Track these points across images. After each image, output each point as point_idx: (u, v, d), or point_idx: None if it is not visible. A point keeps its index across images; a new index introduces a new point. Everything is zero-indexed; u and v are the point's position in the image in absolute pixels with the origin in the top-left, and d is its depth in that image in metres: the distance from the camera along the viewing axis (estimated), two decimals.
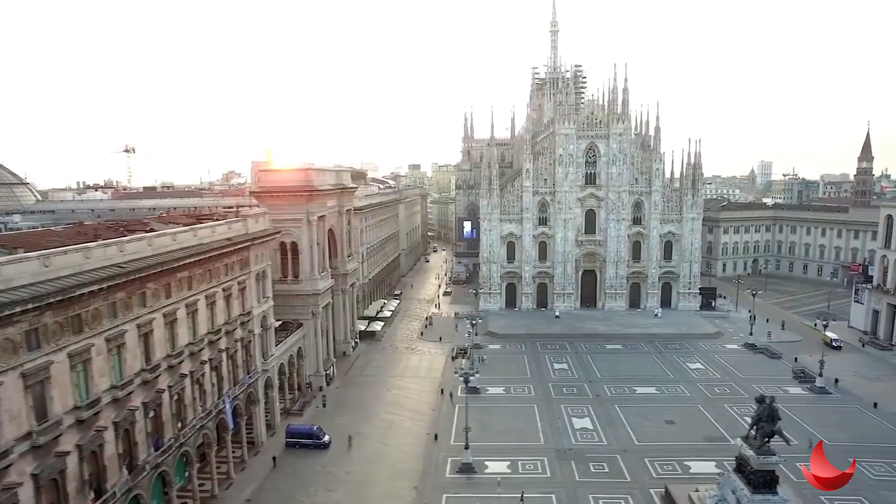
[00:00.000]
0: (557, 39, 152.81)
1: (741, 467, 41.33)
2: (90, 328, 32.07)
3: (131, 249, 36.59)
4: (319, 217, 69.80)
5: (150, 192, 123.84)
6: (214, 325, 47.22)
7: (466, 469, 50.31)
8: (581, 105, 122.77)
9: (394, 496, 47.23)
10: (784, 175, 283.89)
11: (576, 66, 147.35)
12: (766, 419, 40.20)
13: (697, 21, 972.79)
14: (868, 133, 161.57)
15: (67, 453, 30.03)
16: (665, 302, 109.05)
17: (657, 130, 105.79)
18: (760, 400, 41.12)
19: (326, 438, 55.95)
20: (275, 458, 52.88)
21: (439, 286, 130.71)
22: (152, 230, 42.79)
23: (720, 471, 45.06)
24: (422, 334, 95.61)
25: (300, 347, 68.15)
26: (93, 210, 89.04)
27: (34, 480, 27.85)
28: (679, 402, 66.75)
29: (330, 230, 76.62)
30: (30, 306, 27.16)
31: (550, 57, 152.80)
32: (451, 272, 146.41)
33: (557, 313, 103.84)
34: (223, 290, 48.81)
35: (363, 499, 46.89)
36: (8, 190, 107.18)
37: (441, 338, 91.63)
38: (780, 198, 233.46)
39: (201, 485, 47.46)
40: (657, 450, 54.55)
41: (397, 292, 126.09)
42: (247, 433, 55.72)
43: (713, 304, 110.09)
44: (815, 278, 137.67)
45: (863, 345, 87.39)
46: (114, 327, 34.13)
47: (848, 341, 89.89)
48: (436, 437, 57.12)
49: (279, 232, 61.76)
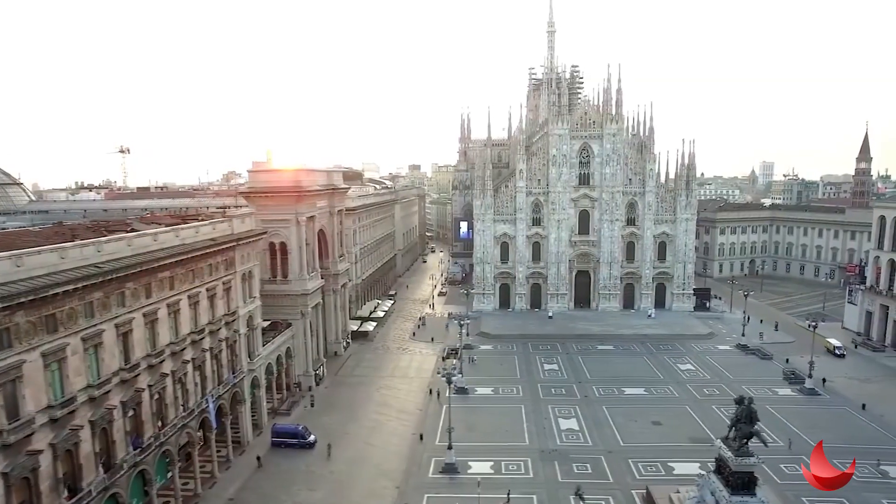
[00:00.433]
0: (554, 40, 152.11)
1: (721, 469, 41.26)
2: (65, 328, 32.30)
3: (110, 250, 36.82)
4: (309, 217, 69.99)
5: (144, 193, 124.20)
6: (198, 325, 47.46)
7: (449, 469, 50.41)
8: (578, 105, 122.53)
9: (376, 495, 47.39)
10: (784, 176, 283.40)
11: (573, 67, 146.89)
12: (745, 420, 40.12)
13: (700, 21, 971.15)
14: (866, 134, 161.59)
15: (40, 452, 30.25)
16: (659, 303, 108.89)
17: (651, 131, 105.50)
18: (739, 401, 41.04)
19: (312, 438, 56.14)
20: (259, 458, 53.08)
21: (434, 286, 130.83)
22: (133, 230, 43.06)
23: (703, 472, 45.04)
24: (414, 335, 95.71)
25: (289, 347, 68.35)
26: (85, 210, 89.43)
27: (4, 479, 28.10)
28: (667, 403, 66.66)
29: (321, 230, 76.79)
30: (0, 305, 27.40)
31: (547, 57, 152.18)
32: (447, 272, 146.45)
33: (550, 314, 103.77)
34: (207, 291, 49.02)
35: (345, 498, 47.05)
36: (1, 190, 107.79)
37: (433, 338, 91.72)
38: (780, 198, 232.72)
39: (185, 483, 47.71)
40: (642, 451, 54.56)
41: (392, 293, 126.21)
42: (233, 432, 56.07)
43: (707, 305, 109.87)
44: (812, 279, 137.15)
45: (855, 346, 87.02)
46: (90, 327, 34.37)
47: (841, 342, 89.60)
48: (421, 438, 57.24)
49: (265, 232, 61.98)
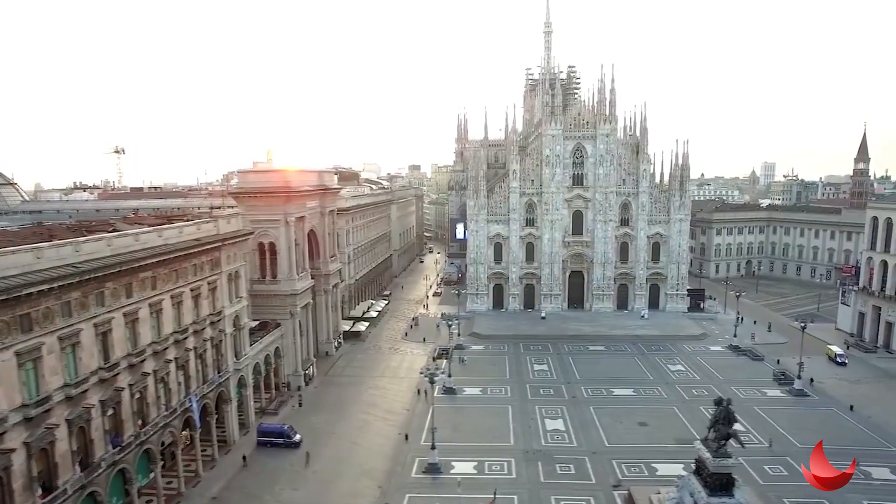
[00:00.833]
0: (551, 40, 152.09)
1: (700, 470, 41.28)
2: (41, 327, 32.49)
3: (88, 250, 37.04)
4: (298, 218, 70.20)
5: (136, 193, 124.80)
6: (181, 325, 47.64)
7: (432, 469, 50.55)
8: (573, 106, 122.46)
9: (357, 495, 47.55)
10: (785, 176, 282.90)
11: (569, 67, 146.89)
12: (723, 422, 40.17)
13: (702, 21, 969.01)
14: (864, 134, 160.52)
15: (13, 450, 30.43)
16: (653, 303, 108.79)
17: (644, 131, 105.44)
18: (718, 402, 41.08)
19: (297, 438, 56.33)
20: (245, 457, 53.31)
21: (430, 287, 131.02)
22: (115, 230, 43.30)
23: (684, 473, 45.01)
24: (406, 335, 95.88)
25: (278, 347, 68.55)
26: (77, 210, 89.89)
27: None
28: (655, 404, 66.62)
29: (311, 231, 76.98)
30: None
31: (544, 58, 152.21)
32: (443, 273, 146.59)
33: (544, 314, 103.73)
34: (191, 290, 49.21)
35: (326, 497, 47.23)
36: None
37: (425, 338, 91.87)
38: (779, 199, 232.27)
39: (169, 482, 47.99)
40: (626, 451, 54.56)
41: (386, 293, 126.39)
42: (219, 432, 56.29)
43: (702, 306, 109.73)
44: (808, 280, 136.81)
45: (847, 347, 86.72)
46: (67, 326, 34.54)
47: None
48: (406, 438, 57.39)
49: (252, 233, 62.19)
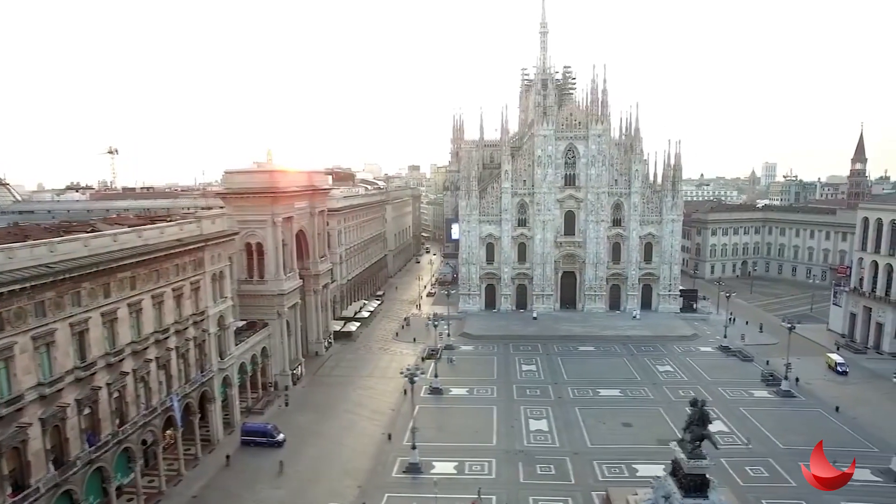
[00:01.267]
0: (547, 41, 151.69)
1: (675, 471, 41.33)
2: (13, 326, 32.80)
3: (64, 250, 37.32)
4: (286, 218, 70.40)
5: (128, 193, 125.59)
6: (162, 325, 47.92)
7: (413, 469, 50.71)
8: (567, 106, 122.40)
9: (337, 494, 47.65)
10: (785, 177, 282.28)
11: (565, 67, 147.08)
12: (698, 423, 40.14)
13: (709, 21, 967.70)
14: (861, 135, 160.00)
15: None
16: (645, 304, 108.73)
17: (636, 132, 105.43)
18: (693, 403, 41.10)
19: (281, 437, 56.54)
20: (228, 456, 53.52)
21: (424, 287, 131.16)
22: (94, 231, 43.57)
23: (662, 474, 45.04)
24: (397, 335, 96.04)
25: (265, 347, 68.78)
26: (68, 211, 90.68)
27: None
28: (641, 405, 66.67)
29: (300, 231, 77.20)
30: None
31: (539, 58, 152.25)
32: (438, 273, 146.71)
33: (535, 315, 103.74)
34: (173, 291, 49.46)
35: (306, 497, 47.42)
36: None
37: (415, 339, 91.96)
38: (778, 199, 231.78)
39: (151, 481, 48.26)
40: (608, 452, 54.65)
41: (380, 293, 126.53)
42: (204, 431, 56.58)
43: (694, 307, 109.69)
44: (804, 281, 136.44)
45: (838, 348, 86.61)
46: (41, 326, 34.83)
47: (824, 345, 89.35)
48: (389, 437, 57.59)
49: (237, 233, 62.42)
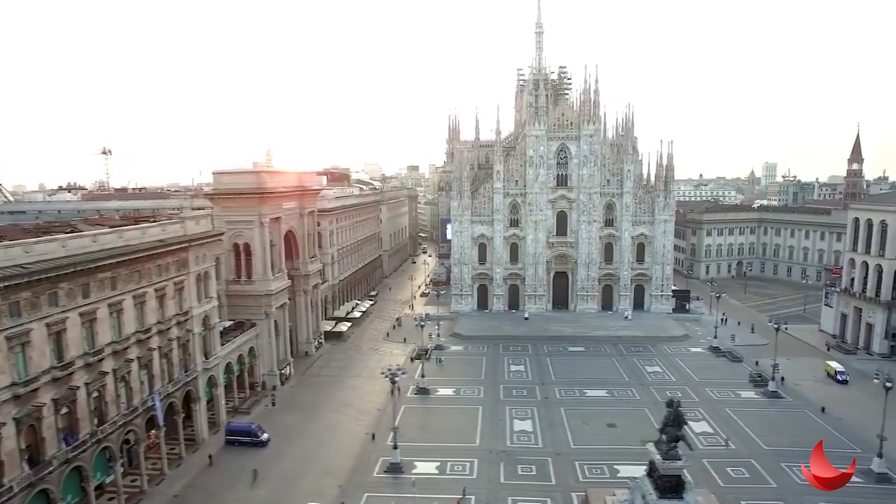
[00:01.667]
0: (542, 41, 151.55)
1: (652, 472, 41.41)
2: None
3: (40, 251, 37.55)
4: (273, 219, 70.61)
5: (119, 194, 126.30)
6: (144, 325, 48.12)
7: (394, 469, 50.91)
8: (561, 106, 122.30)
9: (317, 494, 47.81)
10: (783, 177, 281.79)
11: (560, 68, 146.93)
12: (673, 424, 40.23)
13: (711, 22, 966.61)
14: (857, 135, 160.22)
15: None
16: (638, 304, 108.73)
17: (629, 132, 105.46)
18: (669, 404, 41.18)
19: (265, 437, 56.74)
20: (211, 456, 53.72)
21: (418, 287, 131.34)
22: (74, 231, 43.81)
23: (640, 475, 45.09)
24: (388, 335, 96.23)
25: (252, 347, 68.99)
26: (59, 211, 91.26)
27: None
28: (627, 405, 66.70)
29: (289, 231, 77.40)
30: None
31: (535, 58, 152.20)
32: (433, 273, 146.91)
33: (527, 315, 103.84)
34: (156, 291, 49.66)
35: (287, 496, 47.58)
36: None
37: (406, 339, 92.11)
38: (776, 200, 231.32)
39: (133, 480, 48.54)
40: (591, 453, 54.71)
41: (373, 293, 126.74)
42: (189, 430, 56.83)
43: (687, 307, 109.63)
44: (798, 281, 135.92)
45: (828, 348, 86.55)
46: (15, 326, 35.04)
47: (815, 345, 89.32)
48: (373, 437, 57.75)
49: (222, 233, 62.63)
